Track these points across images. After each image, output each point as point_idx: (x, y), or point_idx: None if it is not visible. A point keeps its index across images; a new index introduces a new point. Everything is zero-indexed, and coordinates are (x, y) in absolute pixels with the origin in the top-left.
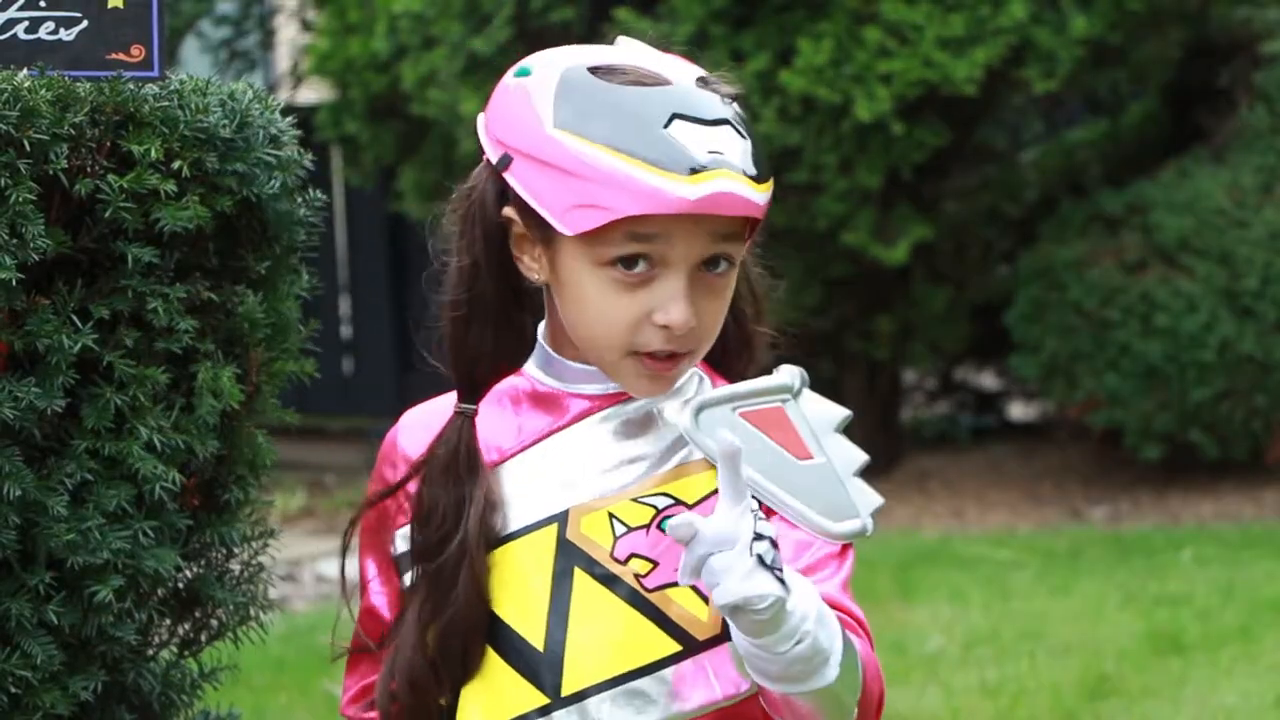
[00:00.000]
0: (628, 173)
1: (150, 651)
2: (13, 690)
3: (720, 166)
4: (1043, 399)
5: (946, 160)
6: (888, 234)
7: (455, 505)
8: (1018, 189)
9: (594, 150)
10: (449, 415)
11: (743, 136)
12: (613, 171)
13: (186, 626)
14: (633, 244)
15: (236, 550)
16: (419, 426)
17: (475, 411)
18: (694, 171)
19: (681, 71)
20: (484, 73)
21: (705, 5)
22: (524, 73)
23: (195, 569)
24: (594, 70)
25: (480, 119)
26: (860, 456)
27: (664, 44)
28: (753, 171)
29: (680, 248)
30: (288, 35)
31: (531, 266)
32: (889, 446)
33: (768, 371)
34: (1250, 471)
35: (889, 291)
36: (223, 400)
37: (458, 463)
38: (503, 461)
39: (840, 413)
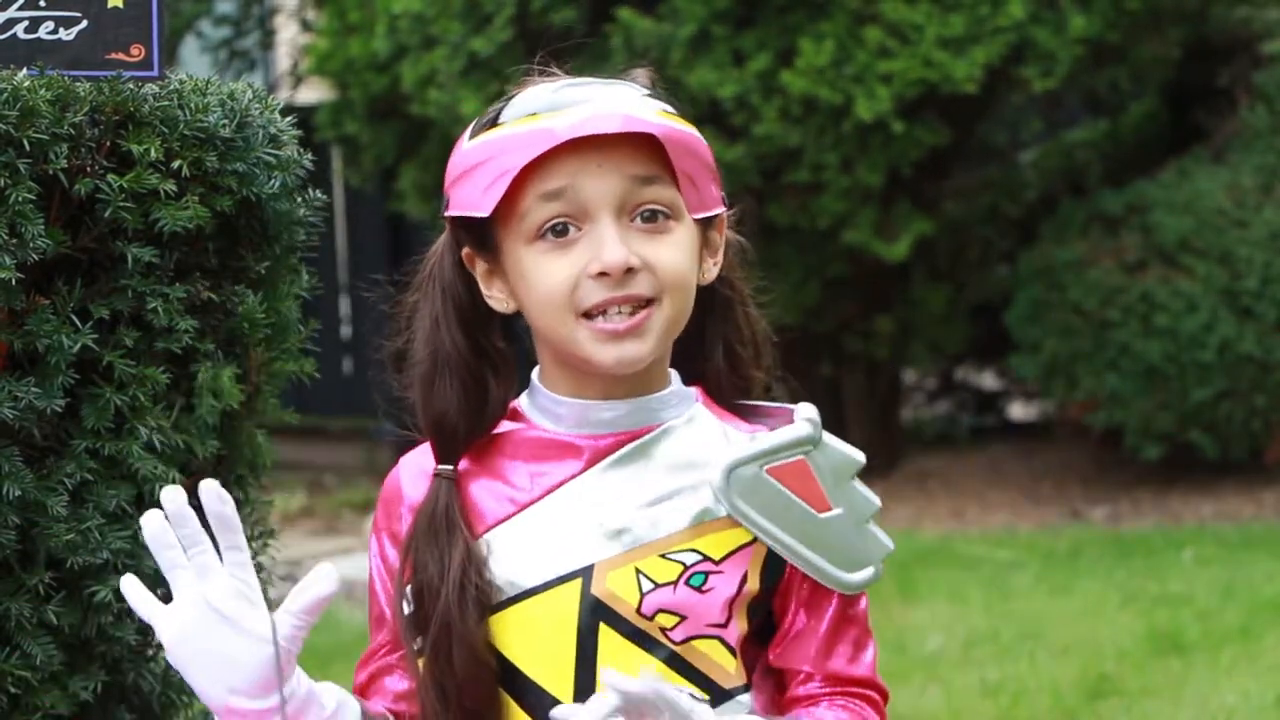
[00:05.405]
0: (514, 133)
1: (150, 651)
2: (13, 690)
3: (599, 100)
4: (1043, 399)
5: (946, 160)
6: (889, 231)
7: (439, 572)
8: (1018, 189)
9: (491, 133)
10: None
11: (646, 93)
12: (504, 139)
13: None
14: (548, 204)
15: None
16: (419, 473)
17: (454, 474)
18: (569, 109)
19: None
20: (484, 73)
21: (707, 5)
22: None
23: None
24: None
25: None
26: (873, 502)
27: (665, 45)
28: (652, 106)
29: (593, 194)
30: (288, 35)
31: (499, 297)
32: (889, 446)
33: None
34: (1250, 471)
35: (889, 291)
36: (223, 400)
37: (436, 526)
38: (519, 512)
39: (857, 460)
